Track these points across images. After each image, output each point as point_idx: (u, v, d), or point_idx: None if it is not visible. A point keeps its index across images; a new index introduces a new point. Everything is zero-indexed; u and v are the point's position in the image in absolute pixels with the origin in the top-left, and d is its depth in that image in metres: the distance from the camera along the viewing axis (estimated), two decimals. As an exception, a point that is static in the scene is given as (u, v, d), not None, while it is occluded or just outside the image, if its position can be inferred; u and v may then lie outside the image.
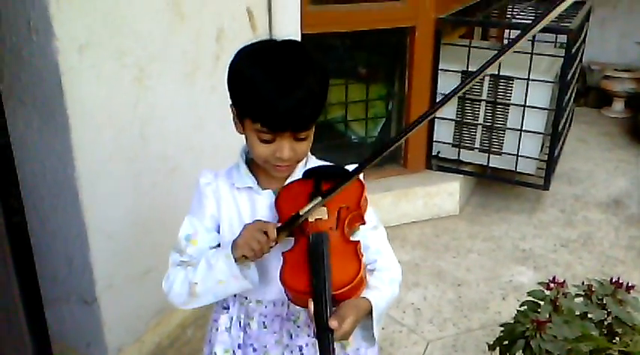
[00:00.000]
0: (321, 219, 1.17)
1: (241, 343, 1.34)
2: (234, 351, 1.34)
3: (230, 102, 1.20)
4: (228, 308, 1.34)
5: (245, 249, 1.14)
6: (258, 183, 1.25)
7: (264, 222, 1.16)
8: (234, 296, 1.32)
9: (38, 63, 1.64)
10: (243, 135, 1.21)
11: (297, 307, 1.21)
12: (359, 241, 1.18)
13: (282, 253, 1.15)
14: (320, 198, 1.15)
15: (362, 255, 1.14)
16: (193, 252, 1.24)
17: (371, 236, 1.25)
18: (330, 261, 1.10)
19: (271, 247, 1.15)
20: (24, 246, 1.57)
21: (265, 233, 1.13)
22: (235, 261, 1.15)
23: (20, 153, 1.80)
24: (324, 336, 1.01)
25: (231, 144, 1.37)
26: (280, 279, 1.12)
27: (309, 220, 1.16)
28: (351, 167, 1.29)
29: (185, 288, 1.21)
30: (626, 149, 4.06)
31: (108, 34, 1.74)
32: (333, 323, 1.02)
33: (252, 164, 1.27)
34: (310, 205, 1.14)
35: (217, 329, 1.35)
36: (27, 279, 1.58)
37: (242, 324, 1.33)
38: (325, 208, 1.17)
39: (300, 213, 1.14)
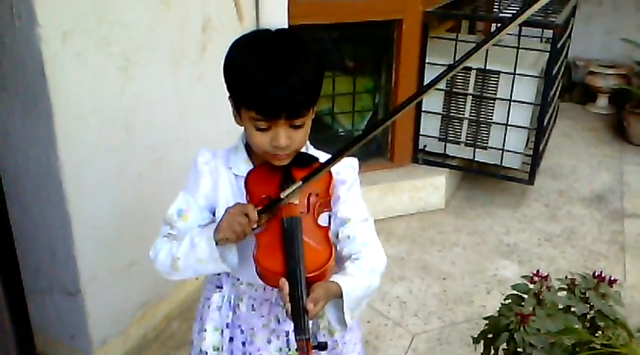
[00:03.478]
0: (292, 202, 1.19)
1: (230, 323, 1.36)
2: (222, 330, 1.36)
3: (228, 94, 1.21)
4: (222, 288, 1.36)
5: (228, 232, 1.16)
6: None
7: (245, 204, 1.19)
8: (227, 276, 1.34)
9: (21, 50, 1.61)
10: (242, 128, 1.23)
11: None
12: (328, 227, 1.23)
13: (255, 235, 1.18)
14: (301, 182, 1.17)
15: (332, 242, 1.18)
16: (182, 227, 1.26)
17: (360, 228, 1.27)
18: (303, 245, 1.13)
19: (253, 229, 1.16)
20: (6, 236, 1.55)
21: (246, 215, 1.15)
22: (217, 243, 1.18)
23: (2, 142, 1.78)
24: (301, 317, 1.04)
25: (217, 135, 1.37)
26: (254, 259, 1.14)
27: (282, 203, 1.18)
28: (346, 159, 1.30)
29: (169, 260, 1.24)
30: (610, 145, 4.10)
31: (93, 21, 1.71)
32: (309, 306, 1.05)
33: (250, 150, 1.28)
34: (292, 188, 1.16)
35: (209, 307, 1.37)
36: (9, 271, 1.56)
37: (232, 305, 1.35)
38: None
39: (282, 197, 1.16)
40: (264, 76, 1.11)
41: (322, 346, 1.07)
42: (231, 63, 1.17)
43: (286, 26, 2.44)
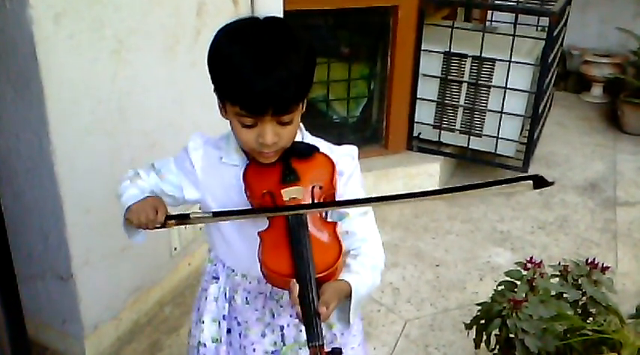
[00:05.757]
0: (295, 198, 1.13)
1: (226, 314, 1.33)
2: (219, 322, 1.34)
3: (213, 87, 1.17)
4: (218, 279, 1.33)
5: (133, 216, 1.19)
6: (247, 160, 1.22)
7: (161, 202, 1.21)
8: (223, 266, 1.32)
9: (12, 32, 1.59)
10: (228, 121, 1.17)
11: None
12: (336, 222, 1.16)
13: (258, 233, 1.11)
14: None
15: (340, 238, 1.12)
16: (151, 179, 1.28)
17: (360, 222, 1.22)
18: (311, 243, 1.07)
19: (157, 227, 1.18)
20: (-3, 220, 1.54)
21: (156, 213, 1.17)
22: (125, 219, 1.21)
23: (-7, 125, 1.76)
24: (313, 321, 0.99)
25: (211, 121, 1.36)
26: (260, 261, 1.08)
27: (284, 199, 1.13)
28: (345, 147, 1.28)
29: (119, 190, 1.29)
30: (604, 134, 4.10)
31: (85, 3, 1.69)
32: (322, 309, 1.00)
33: None
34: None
35: (206, 298, 1.35)
36: (0, 255, 1.55)
37: (227, 296, 1.32)
38: (300, 187, 1.14)
39: (191, 217, 1.17)
40: (249, 68, 1.03)
41: (337, 352, 0.99)
42: (216, 53, 1.10)
43: (281, 11, 2.41)
